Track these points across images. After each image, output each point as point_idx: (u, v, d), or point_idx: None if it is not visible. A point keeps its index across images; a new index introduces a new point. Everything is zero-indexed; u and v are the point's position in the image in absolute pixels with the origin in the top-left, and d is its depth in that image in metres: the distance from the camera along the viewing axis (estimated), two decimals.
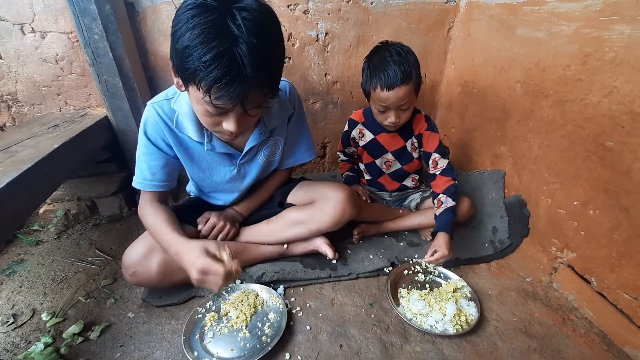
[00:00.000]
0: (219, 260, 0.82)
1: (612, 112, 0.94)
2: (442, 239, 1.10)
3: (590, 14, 0.99)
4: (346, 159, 1.49)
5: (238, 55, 0.65)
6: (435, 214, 1.18)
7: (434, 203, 1.20)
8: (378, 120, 1.22)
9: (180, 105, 0.92)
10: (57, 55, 1.34)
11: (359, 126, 1.33)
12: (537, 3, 1.17)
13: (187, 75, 0.70)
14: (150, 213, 0.98)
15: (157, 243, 0.97)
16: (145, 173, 0.99)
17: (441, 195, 1.18)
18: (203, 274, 0.81)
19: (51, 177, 1.02)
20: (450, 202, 1.16)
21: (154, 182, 1.00)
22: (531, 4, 1.20)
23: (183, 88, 0.78)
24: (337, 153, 1.53)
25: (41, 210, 1.46)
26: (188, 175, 1.12)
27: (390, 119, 1.14)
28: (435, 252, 1.08)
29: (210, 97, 0.70)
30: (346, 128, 1.39)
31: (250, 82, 0.69)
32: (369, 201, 1.35)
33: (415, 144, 1.26)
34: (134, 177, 1.01)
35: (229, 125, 0.79)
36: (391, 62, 1.07)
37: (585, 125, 1.02)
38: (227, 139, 0.93)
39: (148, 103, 0.95)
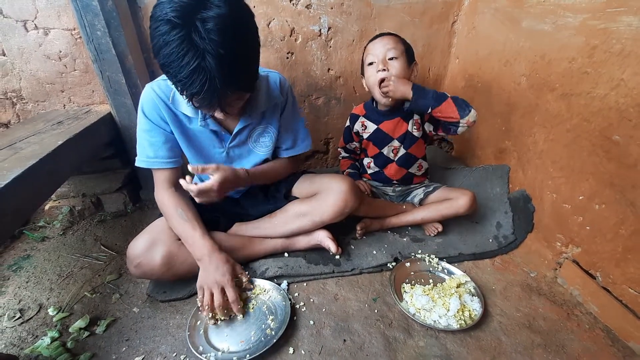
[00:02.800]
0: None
1: (619, 105, 0.93)
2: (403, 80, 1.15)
3: (597, 6, 0.97)
4: (347, 155, 1.49)
5: (208, 70, 0.70)
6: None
7: None
8: (373, 91, 1.23)
9: None
10: (61, 51, 1.34)
11: (361, 119, 1.33)
12: None
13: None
14: (169, 203, 1.01)
15: (179, 236, 1.01)
16: (147, 150, 1.00)
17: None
18: (218, 291, 0.92)
19: (55, 174, 1.03)
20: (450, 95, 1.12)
21: (157, 159, 1.00)
22: None
23: None
24: (339, 149, 1.52)
25: (47, 207, 1.47)
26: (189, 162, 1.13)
27: (379, 69, 1.17)
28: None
29: (192, 102, 0.80)
30: (347, 123, 1.39)
31: (224, 91, 0.76)
32: (370, 195, 1.34)
33: (419, 120, 1.27)
34: (137, 157, 1.01)
35: (217, 114, 0.88)
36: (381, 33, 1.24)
37: (592, 119, 1.01)
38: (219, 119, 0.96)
39: (146, 85, 1.00)
